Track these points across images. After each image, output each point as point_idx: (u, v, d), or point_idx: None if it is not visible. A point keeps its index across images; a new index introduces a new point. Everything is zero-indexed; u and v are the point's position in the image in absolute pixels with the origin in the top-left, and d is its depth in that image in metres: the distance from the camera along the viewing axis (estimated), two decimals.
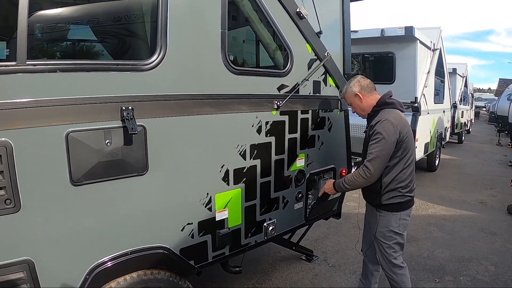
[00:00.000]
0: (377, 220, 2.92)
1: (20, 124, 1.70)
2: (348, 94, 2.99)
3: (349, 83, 2.99)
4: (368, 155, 2.74)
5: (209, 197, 2.50)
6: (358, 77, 3.01)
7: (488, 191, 7.94)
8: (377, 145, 2.69)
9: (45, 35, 2.58)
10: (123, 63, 2.08)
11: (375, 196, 2.89)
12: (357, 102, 2.96)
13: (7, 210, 1.70)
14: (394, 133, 2.68)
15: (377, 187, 2.84)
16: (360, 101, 2.94)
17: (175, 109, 2.23)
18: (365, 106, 2.94)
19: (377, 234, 2.94)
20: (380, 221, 2.91)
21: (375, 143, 2.71)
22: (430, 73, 8.34)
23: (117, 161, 2.00)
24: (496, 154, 13.43)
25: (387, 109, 2.84)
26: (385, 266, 3.00)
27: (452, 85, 12.68)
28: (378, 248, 2.99)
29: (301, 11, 2.85)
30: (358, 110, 3.00)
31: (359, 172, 2.78)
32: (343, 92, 3.05)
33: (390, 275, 2.97)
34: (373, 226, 2.99)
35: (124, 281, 2.18)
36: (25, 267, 1.78)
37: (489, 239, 5.33)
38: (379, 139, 2.69)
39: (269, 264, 4.30)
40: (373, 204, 2.97)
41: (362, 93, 2.93)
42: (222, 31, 2.41)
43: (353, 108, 3.04)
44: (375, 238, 2.97)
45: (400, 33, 7.18)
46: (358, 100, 2.94)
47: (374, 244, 3.03)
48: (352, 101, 2.99)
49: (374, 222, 2.97)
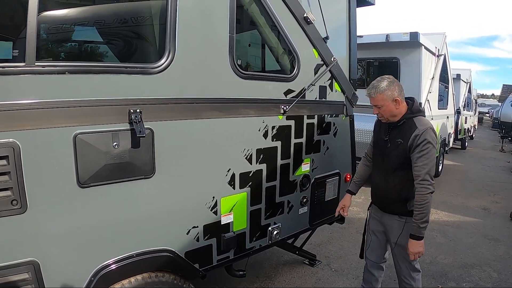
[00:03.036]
0: (402, 227, 2.75)
1: (28, 125, 1.70)
2: (384, 95, 2.61)
3: (388, 84, 2.62)
4: (423, 167, 2.54)
5: (215, 200, 2.50)
6: (393, 78, 2.71)
7: (491, 197, 7.91)
8: (430, 155, 2.55)
9: (54, 36, 2.58)
10: (132, 66, 2.08)
11: (401, 204, 2.73)
12: (391, 107, 2.63)
13: (14, 211, 1.70)
14: (437, 141, 2.61)
15: (405, 195, 2.70)
16: (395, 107, 2.63)
17: (183, 113, 2.24)
18: (398, 113, 2.66)
19: (400, 241, 2.77)
20: (407, 228, 2.71)
21: (427, 153, 2.54)
22: (435, 78, 8.34)
23: (124, 164, 2.01)
24: (500, 160, 13.39)
25: (420, 116, 2.70)
26: (405, 273, 2.88)
27: (456, 91, 12.67)
28: (400, 254, 2.84)
29: (308, 16, 2.85)
30: (388, 114, 2.67)
31: (422, 192, 2.54)
32: (377, 91, 2.62)
33: (408, 281, 2.88)
34: (394, 234, 2.82)
35: (129, 283, 2.18)
36: (30, 268, 1.78)
37: (492, 245, 5.31)
38: (429, 149, 2.55)
39: (272, 268, 4.28)
40: (396, 212, 2.79)
41: (400, 99, 2.64)
42: (230, 35, 2.41)
43: (382, 112, 2.68)
44: (398, 245, 2.81)
45: (405, 39, 7.19)
46: (394, 105, 2.63)
47: (395, 251, 2.88)
48: (385, 104, 2.63)
49: (397, 229, 2.80)
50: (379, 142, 2.85)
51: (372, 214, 3.08)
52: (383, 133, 2.81)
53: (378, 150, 2.89)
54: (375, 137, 2.98)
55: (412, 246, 2.62)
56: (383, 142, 2.79)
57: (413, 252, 2.63)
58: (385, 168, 2.77)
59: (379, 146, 2.87)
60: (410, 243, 2.63)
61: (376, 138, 2.94)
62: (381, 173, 2.81)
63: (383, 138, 2.79)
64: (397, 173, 2.70)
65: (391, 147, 2.72)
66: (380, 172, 2.84)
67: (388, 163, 2.74)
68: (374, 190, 2.96)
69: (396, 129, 2.71)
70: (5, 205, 1.68)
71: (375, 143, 2.96)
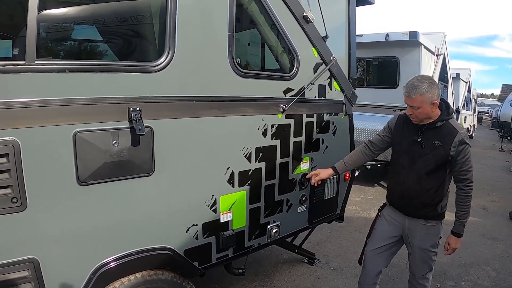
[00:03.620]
0: (428, 231, 2.72)
1: (28, 123, 1.71)
2: (424, 97, 2.46)
3: (429, 86, 2.48)
4: (469, 169, 2.62)
5: (214, 199, 2.51)
6: (433, 79, 2.61)
7: (490, 197, 7.93)
8: (471, 157, 2.62)
9: (53, 34, 2.59)
10: (131, 64, 2.09)
11: (432, 208, 2.67)
12: (428, 109, 2.51)
13: (13, 208, 1.71)
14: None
15: (438, 198, 2.67)
16: (432, 109, 2.52)
17: (182, 111, 2.24)
18: (433, 115, 2.57)
19: (424, 245, 2.74)
20: (432, 231, 2.72)
21: (469, 156, 2.59)
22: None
23: (124, 162, 2.01)
24: (499, 159, 13.41)
25: (453, 118, 2.66)
26: (422, 274, 2.82)
27: (455, 90, 12.67)
28: (422, 257, 2.78)
29: (307, 15, 2.86)
30: (422, 116, 2.54)
31: (467, 193, 2.66)
32: (418, 92, 2.47)
33: (423, 282, 2.84)
34: (419, 238, 2.75)
35: (128, 281, 2.18)
36: (29, 265, 1.78)
37: (491, 244, 5.32)
38: (469, 151, 2.60)
39: (271, 267, 4.29)
40: (424, 216, 2.71)
41: (437, 102, 2.54)
42: (229, 33, 2.41)
43: (417, 113, 2.53)
44: (420, 249, 2.76)
45: (405, 38, 7.18)
46: (431, 108, 2.51)
47: (416, 254, 2.80)
48: (423, 107, 2.49)
49: (421, 233, 2.74)
50: (407, 142, 2.70)
51: (388, 219, 2.92)
52: (413, 133, 2.67)
53: (404, 151, 2.72)
54: (397, 135, 2.80)
55: (454, 242, 2.77)
56: (414, 142, 2.65)
57: (454, 247, 2.78)
58: (417, 170, 2.64)
59: (406, 147, 2.71)
60: (452, 240, 2.77)
61: (399, 137, 2.77)
62: (411, 175, 2.66)
63: (413, 138, 2.66)
64: (433, 175, 2.62)
65: (425, 149, 2.60)
66: (409, 174, 2.68)
67: (421, 165, 2.62)
68: (399, 193, 2.78)
69: (431, 131, 2.60)
70: (5, 203, 1.68)
71: (398, 142, 2.78)
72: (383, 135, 2.92)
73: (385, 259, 2.97)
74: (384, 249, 2.93)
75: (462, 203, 2.67)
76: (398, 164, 2.78)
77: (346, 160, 3.02)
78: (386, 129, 2.91)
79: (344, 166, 3.02)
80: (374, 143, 2.96)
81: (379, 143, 2.94)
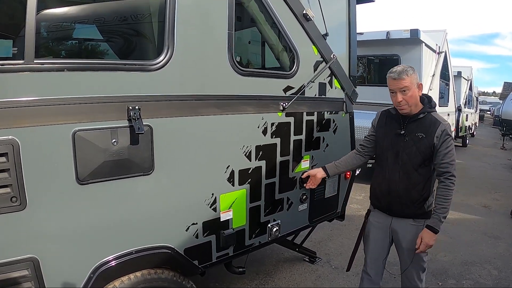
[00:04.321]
0: (417, 231, 2.62)
1: (27, 123, 1.70)
2: (412, 78, 2.51)
3: (412, 69, 2.54)
4: (451, 162, 2.51)
5: (214, 197, 2.51)
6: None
7: (491, 195, 7.92)
8: (454, 151, 2.54)
9: (53, 34, 2.59)
10: (130, 63, 2.09)
11: (419, 205, 2.62)
12: (416, 92, 2.54)
13: (13, 207, 1.70)
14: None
15: (426, 194, 2.62)
16: (418, 93, 2.57)
17: (181, 110, 2.24)
18: (418, 102, 2.59)
19: (414, 246, 2.61)
20: (421, 231, 2.60)
21: (451, 149, 2.52)
22: (435, 76, 8.34)
23: (123, 161, 2.01)
24: (500, 158, 13.39)
25: (435, 112, 2.65)
26: (415, 276, 2.77)
27: (457, 88, 12.66)
28: (414, 260, 2.71)
29: (307, 13, 2.85)
30: (412, 101, 2.53)
31: (448, 186, 2.52)
32: (406, 73, 2.49)
33: (416, 283, 2.78)
34: (408, 239, 2.69)
35: (128, 280, 2.18)
36: (29, 265, 1.78)
37: (492, 243, 5.31)
38: (453, 144, 2.55)
39: (272, 265, 4.29)
40: (411, 215, 2.66)
41: (421, 84, 2.59)
42: (229, 32, 2.41)
43: (407, 98, 2.51)
44: (411, 250, 2.66)
45: (406, 36, 7.19)
46: (418, 91, 2.56)
47: (406, 257, 2.74)
48: (412, 89, 2.51)
49: (411, 234, 2.66)
50: (390, 137, 2.68)
51: (374, 223, 2.88)
52: (396, 127, 2.65)
53: (388, 146, 2.69)
54: (380, 131, 2.79)
55: (428, 237, 2.52)
56: (398, 136, 2.63)
57: (427, 243, 2.52)
58: (403, 165, 2.61)
59: (389, 141, 2.68)
60: (426, 234, 2.53)
61: (382, 133, 2.76)
62: (397, 170, 2.64)
63: (396, 132, 2.64)
64: (420, 170, 2.59)
65: (409, 142, 2.58)
66: (395, 169, 2.65)
67: (407, 159, 2.60)
68: (385, 190, 2.72)
69: (414, 123, 2.59)
70: (5, 202, 1.68)
71: (381, 138, 2.76)
72: (368, 135, 2.92)
73: (383, 261, 2.94)
74: (383, 256, 2.91)
75: (442, 196, 2.52)
76: (383, 160, 2.74)
77: (337, 163, 3.01)
78: (370, 128, 2.92)
79: (335, 168, 3.00)
80: (363, 144, 2.97)
81: (366, 143, 2.93)
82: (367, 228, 2.96)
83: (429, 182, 2.63)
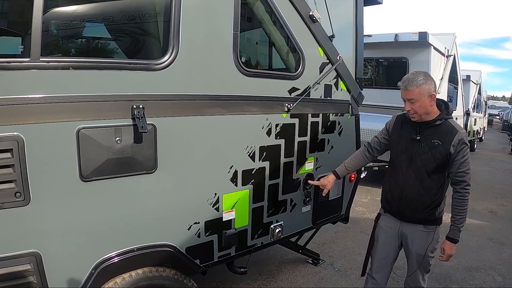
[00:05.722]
0: (427, 237, 2.66)
1: (32, 119, 1.72)
2: (422, 89, 2.44)
3: (425, 78, 2.46)
4: (467, 172, 2.50)
5: (216, 197, 2.51)
6: (428, 73, 2.56)
7: (498, 200, 7.85)
8: (469, 159, 2.53)
9: (59, 32, 2.61)
10: (135, 62, 2.10)
11: (431, 211, 2.61)
12: (427, 102, 2.47)
13: (17, 203, 1.73)
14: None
15: (439, 200, 2.61)
16: (430, 103, 2.49)
17: (186, 109, 2.25)
18: (432, 110, 2.53)
19: (423, 251, 2.67)
20: (431, 237, 2.66)
21: (467, 158, 2.50)
22: (444, 79, 8.28)
23: (126, 159, 2.02)
24: (508, 163, 13.27)
25: (452, 119, 2.62)
26: (420, 278, 2.79)
27: (466, 92, 12.57)
28: (421, 263, 2.73)
29: (314, 15, 2.84)
30: (422, 111, 2.49)
31: (464, 196, 2.53)
32: (414, 84, 2.44)
33: (421, 284, 2.80)
34: (417, 244, 2.69)
35: (130, 277, 2.20)
36: (32, 259, 1.81)
37: (498, 249, 5.27)
38: (468, 152, 2.51)
39: (275, 266, 4.29)
40: (422, 221, 2.65)
41: (435, 94, 2.50)
42: (234, 32, 2.41)
43: (415, 108, 2.48)
44: (420, 255, 2.70)
45: (414, 39, 7.15)
46: (429, 101, 2.48)
47: (414, 261, 2.75)
48: (421, 100, 2.45)
49: (421, 240, 2.67)
50: (405, 142, 2.65)
51: (384, 227, 2.87)
52: (412, 132, 2.62)
53: (403, 150, 2.66)
54: (395, 135, 2.75)
55: (450, 249, 2.62)
56: (413, 141, 2.60)
57: (450, 254, 2.63)
58: (416, 170, 2.59)
59: (404, 146, 2.66)
60: (447, 246, 2.62)
61: (397, 138, 2.72)
62: (411, 175, 2.61)
63: (411, 137, 2.61)
64: (433, 176, 2.56)
65: (424, 148, 2.56)
66: (409, 174, 2.62)
67: (421, 165, 2.57)
68: (397, 195, 2.70)
69: (430, 129, 2.56)
70: (9, 197, 1.70)
71: (396, 143, 2.72)
72: (381, 137, 2.89)
73: (391, 265, 2.93)
74: (390, 260, 2.90)
75: (459, 207, 2.55)
76: (397, 165, 2.71)
77: (347, 164, 3.01)
78: (384, 131, 2.88)
79: (345, 169, 3.02)
80: (372, 145, 2.94)
81: (377, 145, 2.91)
82: (376, 232, 2.95)
83: (442, 188, 2.61)
